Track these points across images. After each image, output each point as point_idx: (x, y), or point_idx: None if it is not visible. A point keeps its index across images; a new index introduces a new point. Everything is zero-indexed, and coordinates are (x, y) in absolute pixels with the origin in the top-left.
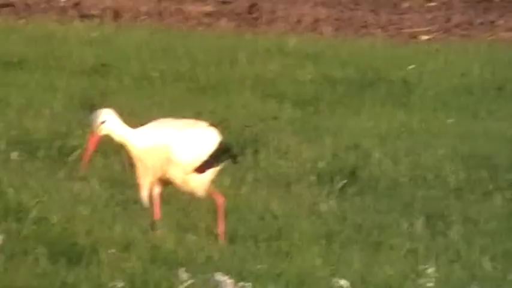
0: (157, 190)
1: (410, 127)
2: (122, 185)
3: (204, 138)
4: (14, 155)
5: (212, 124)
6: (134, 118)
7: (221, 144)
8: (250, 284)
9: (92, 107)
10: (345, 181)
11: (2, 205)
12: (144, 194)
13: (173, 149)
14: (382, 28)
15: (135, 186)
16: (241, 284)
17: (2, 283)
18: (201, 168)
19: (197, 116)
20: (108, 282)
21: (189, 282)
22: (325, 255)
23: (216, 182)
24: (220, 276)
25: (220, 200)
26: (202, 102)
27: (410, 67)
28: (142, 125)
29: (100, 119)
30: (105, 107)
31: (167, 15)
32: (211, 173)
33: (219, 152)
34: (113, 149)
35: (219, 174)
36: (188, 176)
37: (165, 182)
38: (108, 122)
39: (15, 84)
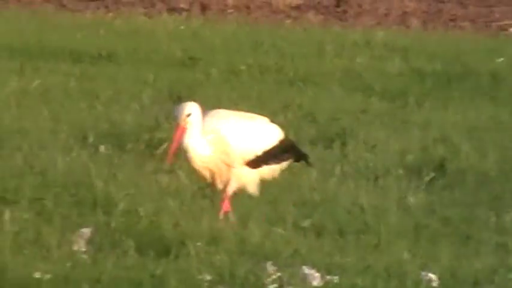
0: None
1: (499, 120)
2: None
3: (261, 132)
4: (102, 148)
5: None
6: None
7: (282, 142)
8: (337, 277)
9: (179, 100)
10: (433, 174)
11: (91, 198)
12: (220, 187)
13: (228, 136)
14: (470, 21)
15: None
16: (328, 277)
17: (90, 275)
18: (254, 163)
19: (284, 109)
20: (197, 275)
21: (276, 275)
22: (413, 249)
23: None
24: (307, 270)
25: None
26: (289, 95)
27: (499, 60)
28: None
29: (186, 111)
30: (193, 100)
31: (255, 8)
32: (268, 170)
33: (277, 150)
34: None
35: (299, 170)
36: (241, 170)
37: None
38: (193, 116)
39: (104, 77)
